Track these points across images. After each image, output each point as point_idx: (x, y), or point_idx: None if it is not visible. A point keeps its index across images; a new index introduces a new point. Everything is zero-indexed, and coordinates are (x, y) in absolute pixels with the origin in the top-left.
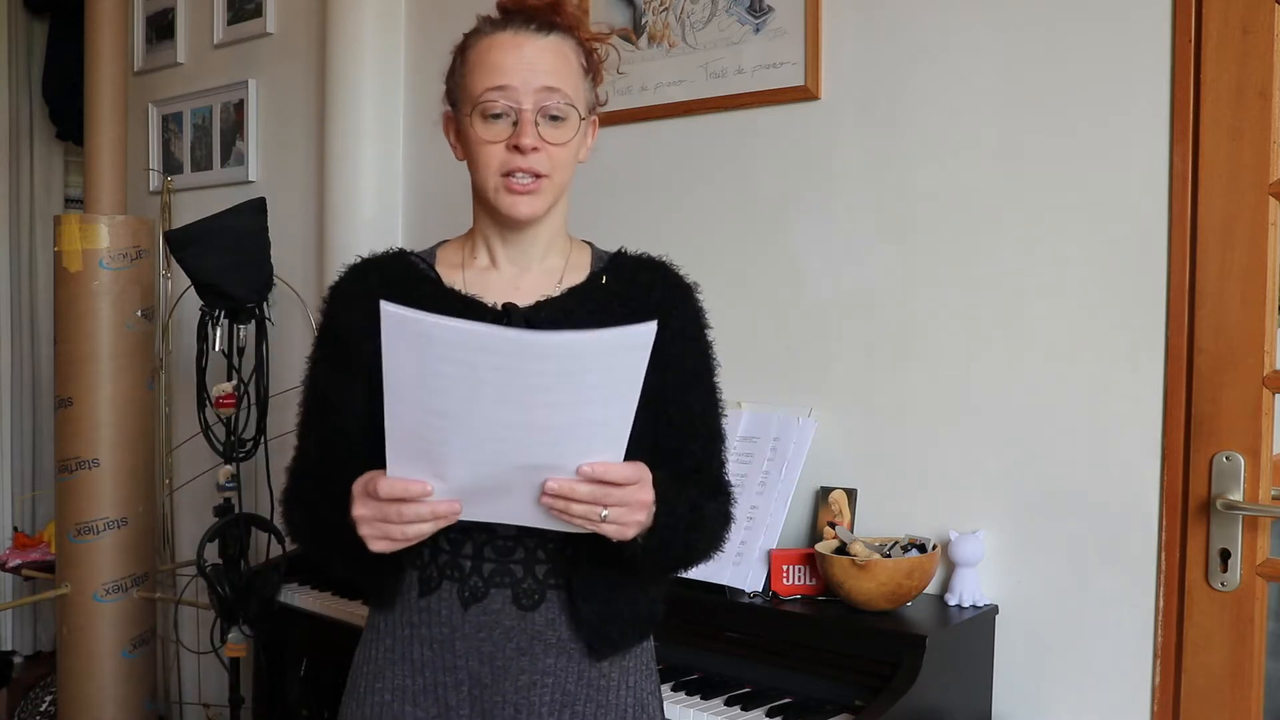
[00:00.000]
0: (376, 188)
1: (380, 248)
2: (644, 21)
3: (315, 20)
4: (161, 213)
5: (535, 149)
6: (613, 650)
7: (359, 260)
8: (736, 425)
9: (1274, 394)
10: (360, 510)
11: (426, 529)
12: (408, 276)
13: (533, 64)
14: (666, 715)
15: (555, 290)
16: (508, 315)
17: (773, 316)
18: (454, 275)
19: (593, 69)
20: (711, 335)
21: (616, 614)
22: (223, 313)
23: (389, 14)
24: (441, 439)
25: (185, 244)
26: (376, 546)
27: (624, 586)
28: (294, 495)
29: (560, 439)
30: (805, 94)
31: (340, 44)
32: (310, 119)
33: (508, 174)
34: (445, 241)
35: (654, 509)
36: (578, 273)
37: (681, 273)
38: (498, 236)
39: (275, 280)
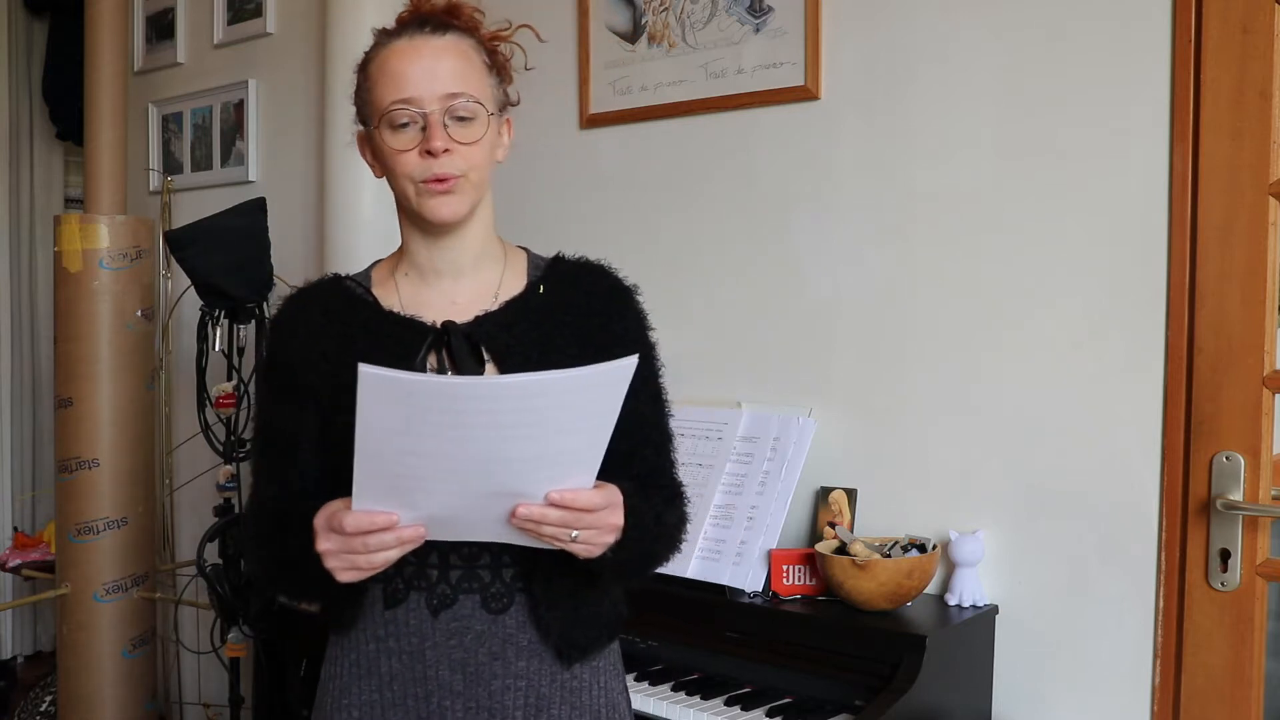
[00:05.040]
0: (376, 188)
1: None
2: (644, 21)
3: (315, 20)
4: (161, 213)
5: (446, 150)
6: (581, 655)
7: (295, 291)
8: (736, 425)
9: (1274, 394)
10: (324, 545)
11: (393, 555)
12: (346, 303)
13: (432, 69)
14: (667, 716)
15: (493, 304)
16: (447, 334)
17: (773, 316)
18: (390, 295)
19: (497, 67)
20: (654, 336)
21: (581, 619)
22: (223, 313)
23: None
24: (413, 474)
25: (185, 244)
26: (344, 577)
27: (586, 591)
28: (256, 536)
29: (533, 469)
30: (805, 94)
31: (340, 44)
32: (310, 119)
33: (425, 180)
34: (378, 261)
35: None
36: (515, 282)
37: (621, 276)
38: (426, 247)
39: (275, 280)
